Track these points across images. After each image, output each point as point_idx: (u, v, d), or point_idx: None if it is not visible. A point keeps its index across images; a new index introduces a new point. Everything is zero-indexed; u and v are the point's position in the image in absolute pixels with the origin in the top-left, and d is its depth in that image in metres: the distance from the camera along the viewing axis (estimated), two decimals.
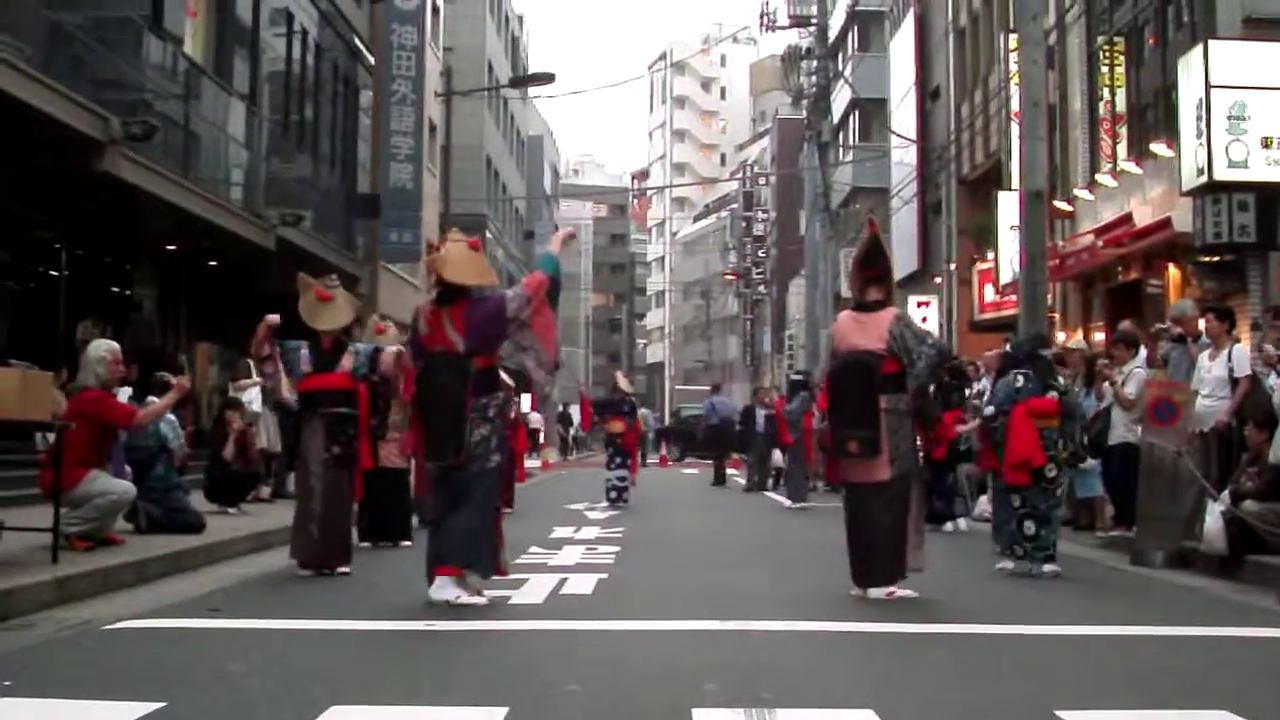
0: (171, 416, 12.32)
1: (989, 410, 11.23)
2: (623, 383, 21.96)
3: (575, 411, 55.43)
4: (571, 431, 53.19)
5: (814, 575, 10.34)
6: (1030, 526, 10.63)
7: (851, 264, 9.82)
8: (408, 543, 12.40)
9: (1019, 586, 10.07)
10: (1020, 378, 10.87)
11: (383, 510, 12.43)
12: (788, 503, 20.64)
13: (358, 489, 10.61)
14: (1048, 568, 10.53)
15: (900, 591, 8.85)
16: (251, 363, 16.47)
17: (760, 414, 25.76)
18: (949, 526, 15.11)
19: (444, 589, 8.24)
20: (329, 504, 10.13)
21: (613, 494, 19.86)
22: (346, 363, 10.31)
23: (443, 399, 8.42)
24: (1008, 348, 12.04)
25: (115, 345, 11.02)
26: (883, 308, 9.19)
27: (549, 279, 8.61)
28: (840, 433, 9.05)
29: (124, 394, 11.53)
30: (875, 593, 8.81)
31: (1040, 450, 10.49)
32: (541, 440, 46.47)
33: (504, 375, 9.08)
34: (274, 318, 10.23)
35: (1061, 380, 11.46)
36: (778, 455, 25.36)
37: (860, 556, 9.04)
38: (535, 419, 43.37)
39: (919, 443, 9.59)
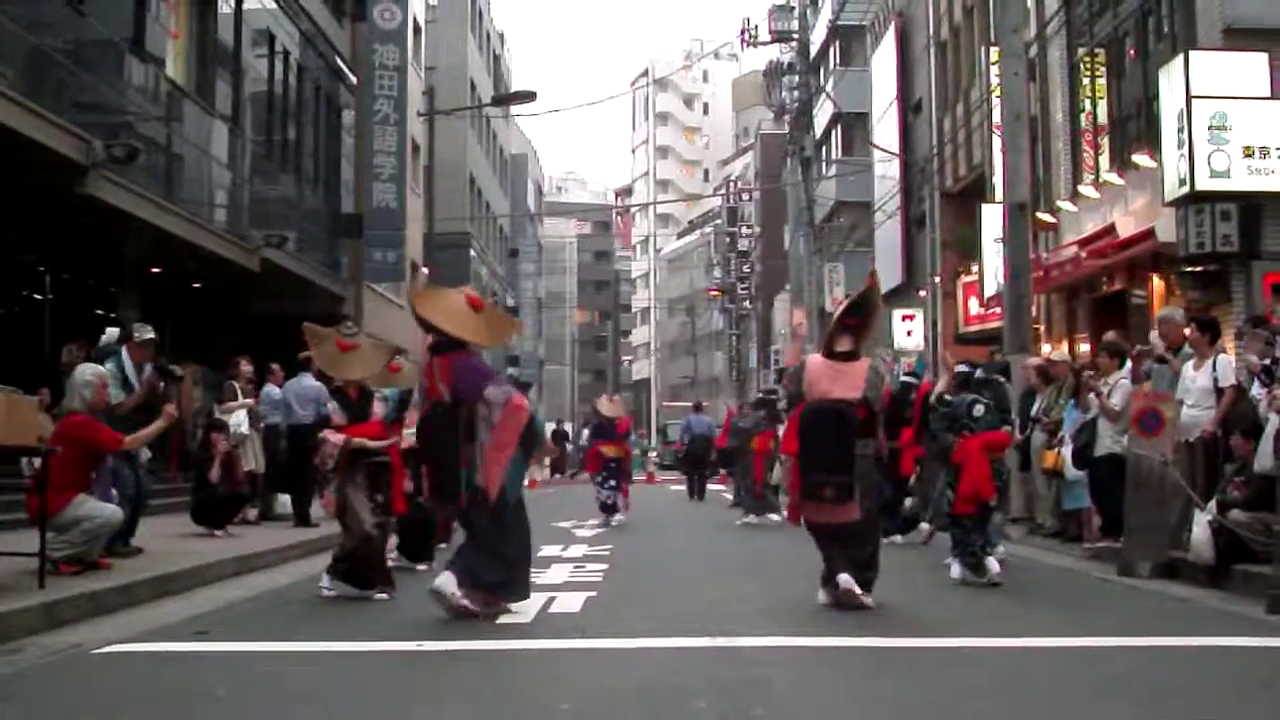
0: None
1: (947, 437, 11.26)
2: (606, 408, 21.77)
3: (569, 429, 55.38)
4: (566, 449, 53.06)
5: (801, 590, 10.31)
6: (977, 538, 10.92)
7: (839, 308, 9.94)
8: (422, 566, 12.26)
9: (1005, 599, 10.06)
10: (980, 406, 10.95)
11: (406, 531, 12.35)
12: (744, 518, 20.59)
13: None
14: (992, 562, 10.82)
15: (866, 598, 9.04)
16: (236, 385, 16.47)
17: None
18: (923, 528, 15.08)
19: (446, 585, 8.39)
20: (382, 543, 10.24)
21: (604, 511, 19.71)
22: (378, 410, 10.31)
23: (440, 448, 8.65)
24: (962, 367, 12.01)
25: (102, 369, 10.98)
26: (855, 358, 9.35)
27: (529, 421, 8.64)
28: (815, 478, 9.18)
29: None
30: (844, 579, 8.99)
31: (992, 485, 10.81)
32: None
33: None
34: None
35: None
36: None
37: (834, 563, 9.22)
38: None
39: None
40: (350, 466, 10.01)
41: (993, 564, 10.73)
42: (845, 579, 8.99)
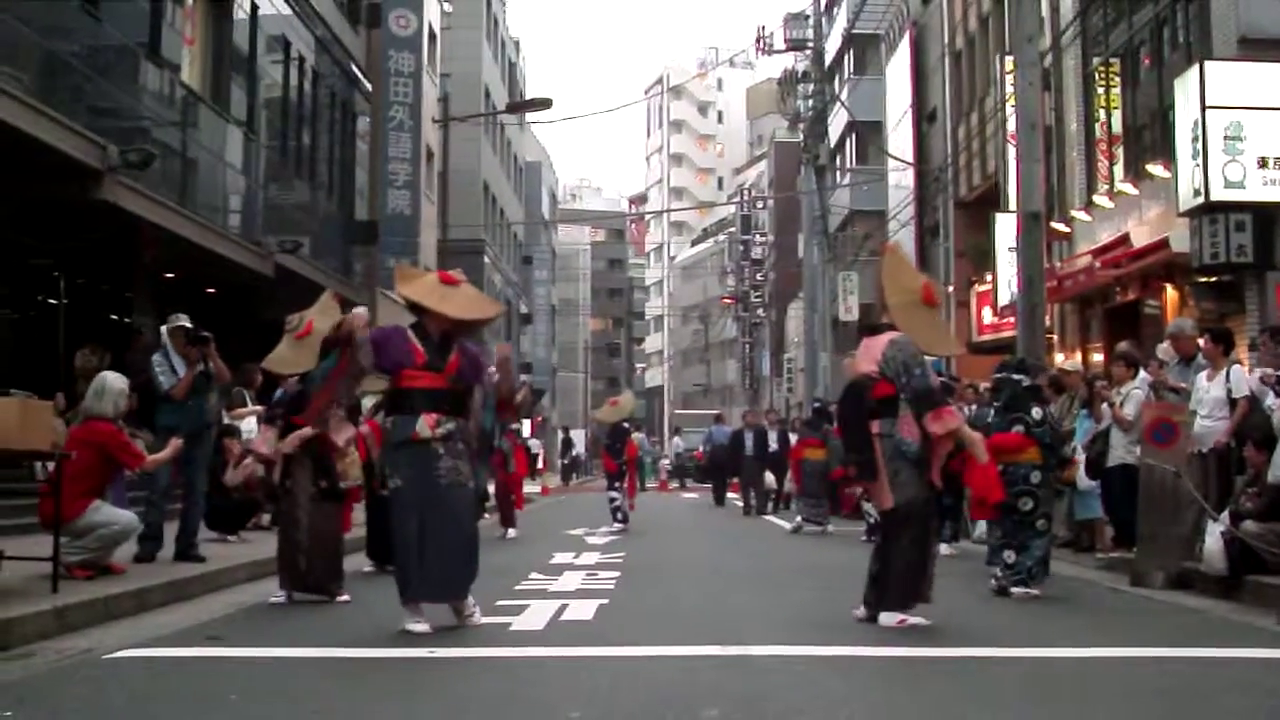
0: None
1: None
2: (608, 414, 21.73)
3: (576, 436, 55.41)
4: (572, 456, 53.11)
5: (814, 599, 10.33)
6: (1010, 555, 10.69)
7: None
8: (367, 568, 12.32)
9: (1018, 609, 10.04)
10: (991, 410, 10.82)
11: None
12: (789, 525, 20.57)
13: (347, 520, 10.60)
14: (1016, 590, 10.56)
15: (911, 619, 8.63)
16: (245, 392, 16.49)
17: (749, 437, 25.76)
18: (945, 549, 14.97)
19: (421, 622, 8.22)
20: (314, 537, 10.05)
21: (614, 514, 19.97)
22: None
23: None
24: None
25: (125, 380, 10.96)
26: (886, 331, 9.15)
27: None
28: (844, 458, 9.13)
29: None
30: (885, 619, 8.62)
31: (999, 487, 10.26)
32: (540, 465, 46.38)
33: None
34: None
35: (1036, 412, 11.08)
36: (770, 478, 25.57)
37: (873, 581, 8.92)
38: (534, 444, 43.41)
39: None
40: (300, 451, 10.04)
41: (1028, 589, 10.62)
42: (860, 616, 8.87)
